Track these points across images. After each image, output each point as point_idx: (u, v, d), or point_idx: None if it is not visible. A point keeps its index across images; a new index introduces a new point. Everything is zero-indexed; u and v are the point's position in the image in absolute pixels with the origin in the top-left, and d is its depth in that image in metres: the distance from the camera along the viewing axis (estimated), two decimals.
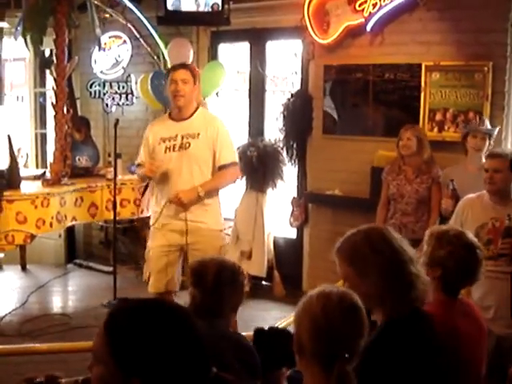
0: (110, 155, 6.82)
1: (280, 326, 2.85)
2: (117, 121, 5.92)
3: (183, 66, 4.60)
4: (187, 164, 4.37)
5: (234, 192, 6.08)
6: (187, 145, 4.36)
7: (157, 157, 4.44)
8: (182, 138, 4.37)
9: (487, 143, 4.73)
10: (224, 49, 6.96)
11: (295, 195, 6.35)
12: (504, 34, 5.11)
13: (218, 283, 2.71)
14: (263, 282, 6.42)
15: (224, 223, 4.72)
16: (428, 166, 4.96)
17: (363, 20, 5.56)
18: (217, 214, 4.54)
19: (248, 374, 2.43)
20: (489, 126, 4.87)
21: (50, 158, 6.61)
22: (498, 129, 4.91)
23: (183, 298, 2.98)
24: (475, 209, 4.00)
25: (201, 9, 6.13)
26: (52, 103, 6.31)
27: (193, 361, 1.49)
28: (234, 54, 7.02)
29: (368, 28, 5.57)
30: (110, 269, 6.40)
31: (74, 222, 6.22)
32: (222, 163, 4.41)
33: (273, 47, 6.66)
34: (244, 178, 6.21)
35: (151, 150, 4.49)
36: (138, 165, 4.70)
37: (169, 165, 4.38)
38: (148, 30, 6.57)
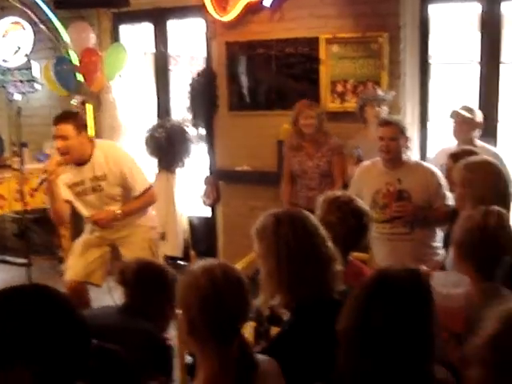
0: (15, 144, 6.66)
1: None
2: (19, 109, 5.79)
3: (63, 119, 4.19)
4: (105, 201, 4.32)
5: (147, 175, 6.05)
6: (99, 187, 4.27)
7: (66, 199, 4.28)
8: (91, 181, 4.26)
9: (384, 110, 4.88)
10: (126, 30, 6.87)
11: (206, 174, 6.37)
12: (396, 4, 5.26)
13: (137, 281, 2.71)
14: (180, 262, 6.44)
15: (156, 224, 4.72)
16: (326, 138, 5.08)
17: None
18: (147, 217, 4.55)
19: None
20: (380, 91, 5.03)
21: None
22: (391, 94, 5.04)
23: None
24: (370, 175, 4.14)
25: None
26: None
27: (68, 338, 1.51)
28: (137, 35, 6.94)
29: (266, 4, 5.61)
30: (25, 261, 6.28)
31: None
32: (137, 194, 4.35)
33: (175, 27, 6.62)
34: (156, 159, 6.22)
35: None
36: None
37: (87, 207, 4.31)
38: (47, 14, 6.41)
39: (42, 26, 6.59)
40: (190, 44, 6.95)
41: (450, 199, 3.89)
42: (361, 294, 1.80)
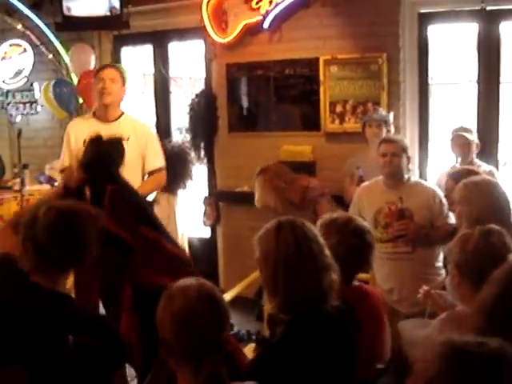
0: (16, 166, 6.66)
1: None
2: (19, 131, 5.80)
3: (112, 65, 4.62)
4: None
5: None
6: None
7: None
8: None
9: (384, 131, 4.87)
10: (127, 52, 6.91)
11: (206, 194, 6.37)
12: (396, 25, 5.28)
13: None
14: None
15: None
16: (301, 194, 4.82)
17: (261, 17, 5.64)
18: None
19: None
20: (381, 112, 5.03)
21: None
22: (390, 115, 5.04)
23: None
24: (371, 195, 4.13)
25: (99, 13, 6.07)
26: None
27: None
28: (138, 57, 6.98)
29: (266, 25, 5.65)
30: None
31: None
32: (152, 169, 4.40)
33: (175, 48, 6.66)
34: None
35: (74, 152, 4.24)
36: (62, 171, 4.44)
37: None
38: (48, 36, 6.46)
39: (42, 48, 6.64)
40: (189, 65, 6.97)
41: (452, 218, 3.88)
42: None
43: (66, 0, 6.03)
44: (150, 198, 4.58)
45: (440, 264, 4.06)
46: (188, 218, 6.39)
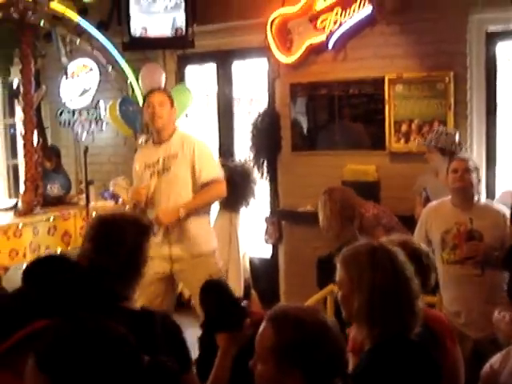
0: (81, 182, 6.79)
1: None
2: (86, 148, 5.90)
3: (159, 89, 4.74)
4: (169, 186, 4.38)
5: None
6: (169, 167, 4.39)
7: (143, 184, 4.46)
8: (164, 160, 4.39)
9: (436, 155, 4.75)
10: (191, 71, 7.00)
11: (268, 213, 6.37)
12: (463, 44, 5.22)
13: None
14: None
15: (212, 244, 4.63)
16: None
17: (325, 37, 5.64)
18: (200, 237, 4.48)
19: None
20: (456, 136, 4.86)
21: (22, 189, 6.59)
22: (457, 135, 4.87)
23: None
24: (439, 215, 4.04)
25: (166, 33, 6.18)
26: (21, 133, 6.30)
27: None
28: (202, 76, 7.06)
29: (330, 45, 5.64)
30: None
31: (48, 251, 6.17)
32: (203, 181, 4.40)
33: (239, 67, 6.71)
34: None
35: (139, 178, 4.54)
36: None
37: (153, 189, 4.39)
38: (114, 56, 6.59)
39: (109, 67, 6.77)
40: (251, 84, 7.01)
41: None
42: None
43: (133, 21, 6.15)
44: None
45: None
46: (250, 237, 6.40)
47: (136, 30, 6.18)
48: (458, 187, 3.96)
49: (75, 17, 6.45)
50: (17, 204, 6.30)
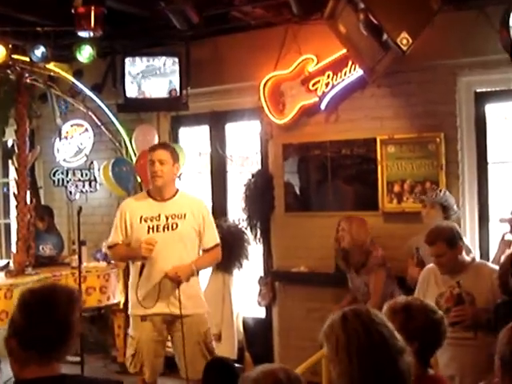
0: (74, 243, 6.76)
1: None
2: (80, 208, 5.87)
3: (162, 146, 4.71)
4: (175, 244, 4.37)
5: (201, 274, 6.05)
6: (174, 225, 4.37)
7: (137, 236, 4.39)
8: (167, 218, 4.38)
9: (437, 212, 4.79)
10: (184, 132, 7.07)
11: (262, 274, 6.33)
12: (453, 105, 5.31)
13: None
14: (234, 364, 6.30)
15: (204, 305, 4.63)
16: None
17: (317, 99, 5.73)
18: (196, 297, 4.52)
19: None
20: (444, 195, 4.93)
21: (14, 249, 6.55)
22: (436, 196, 4.91)
23: None
24: (434, 278, 4.04)
25: (160, 95, 6.26)
26: (14, 193, 6.31)
27: None
28: (195, 137, 7.12)
29: (322, 106, 5.73)
30: (78, 359, 6.24)
31: None
32: (207, 246, 4.52)
33: (232, 129, 6.77)
34: None
35: (129, 228, 4.44)
36: (112, 246, 4.57)
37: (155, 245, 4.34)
38: (109, 117, 6.66)
39: (103, 128, 6.83)
40: (245, 145, 7.07)
41: None
42: None
43: (128, 83, 6.23)
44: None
45: None
46: (243, 297, 6.35)
47: (131, 91, 6.24)
48: (439, 271, 4.03)
49: (70, 78, 6.55)
50: (8, 264, 6.26)
